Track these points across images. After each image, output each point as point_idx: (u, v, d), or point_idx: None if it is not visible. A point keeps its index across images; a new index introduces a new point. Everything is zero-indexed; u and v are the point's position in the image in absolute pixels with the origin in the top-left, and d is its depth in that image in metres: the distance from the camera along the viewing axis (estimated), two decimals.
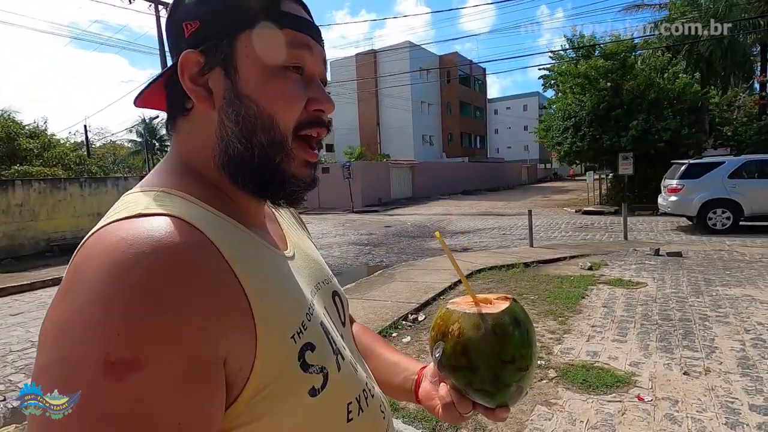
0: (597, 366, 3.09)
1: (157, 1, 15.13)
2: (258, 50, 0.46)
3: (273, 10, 0.47)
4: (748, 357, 3.14)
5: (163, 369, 0.34)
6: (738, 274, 5.50)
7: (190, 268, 0.37)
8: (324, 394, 0.46)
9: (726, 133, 13.89)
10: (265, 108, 0.46)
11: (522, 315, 0.53)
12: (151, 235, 0.37)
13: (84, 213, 10.93)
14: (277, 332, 0.43)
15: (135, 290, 0.34)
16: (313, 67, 0.49)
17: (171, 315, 0.35)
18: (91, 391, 0.32)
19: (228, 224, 0.45)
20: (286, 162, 0.48)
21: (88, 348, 0.33)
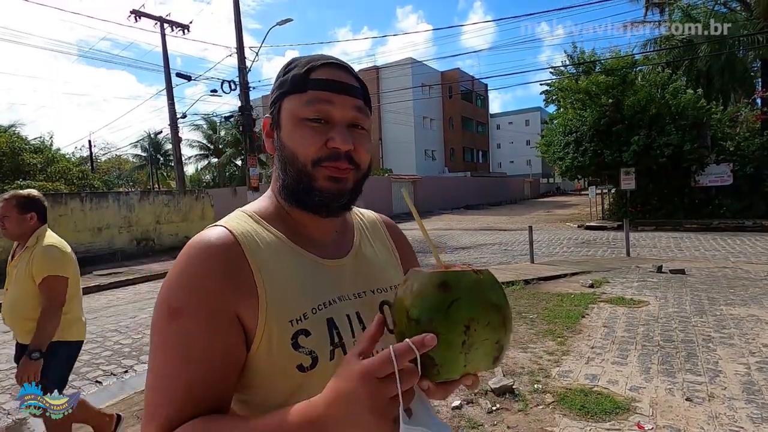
0: (596, 390, 2.99)
1: (162, 20, 15.41)
2: (289, 109, 0.66)
3: (303, 80, 0.65)
4: (754, 382, 3.02)
5: (195, 313, 0.56)
6: (742, 292, 5.38)
7: (214, 257, 0.59)
8: (313, 373, 0.59)
9: (728, 148, 13.80)
10: (291, 149, 0.65)
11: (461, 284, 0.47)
12: (203, 238, 0.62)
13: (84, 228, 10.93)
14: (275, 313, 0.59)
15: (183, 268, 0.59)
16: (337, 115, 0.64)
17: (199, 282, 0.58)
18: (162, 326, 0.58)
19: (269, 235, 0.66)
20: (308, 183, 0.65)
21: (163, 301, 0.59)
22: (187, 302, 0.57)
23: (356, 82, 0.67)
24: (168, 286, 0.59)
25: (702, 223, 13.07)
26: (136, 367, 4.21)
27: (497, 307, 0.48)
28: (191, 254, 0.60)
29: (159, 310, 0.58)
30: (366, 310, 0.68)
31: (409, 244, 0.88)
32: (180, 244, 13.04)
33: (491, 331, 0.47)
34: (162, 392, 0.56)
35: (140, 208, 12.28)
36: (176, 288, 0.58)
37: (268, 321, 0.59)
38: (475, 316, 0.46)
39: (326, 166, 0.64)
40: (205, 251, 0.60)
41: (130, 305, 6.83)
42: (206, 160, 33.75)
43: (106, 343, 4.97)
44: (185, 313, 0.56)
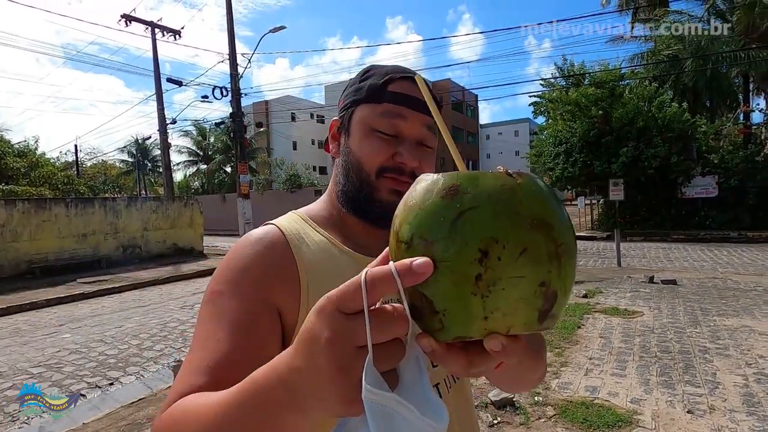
0: (597, 403, 2.95)
1: (153, 24, 15.30)
2: (363, 118, 0.66)
3: (380, 91, 0.66)
4: (753, 393, 3.02)
5: (233, 294, 0.58)
6: (734, 303, 5.43)
7: (262, 252, 0.62)
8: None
9: (713, 160, 14.10)
10: (357, 156, 0.66)
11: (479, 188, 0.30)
12: (253, 234, 0.65)
13: (69, 234, 10.65)
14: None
15: (231, 258, 0.62)
16: (408, 131, 0.65)
17: (240, 271, 0.60)
18: (205, 305, 0.60)
19: (318, 236, 0.67)
20: (370, 192, 0.65)
21: (209, 288, 0.61)
22: (228, 285, 0.59)
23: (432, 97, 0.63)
24: (214, 276, 0.62)
25: (689, 233, 13.27)
26: (122, 379, 4.06)
27: (546, 226, 0.30)
28: (239, 247, 0.63)
29: (205, 296, 0.60)
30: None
31: None
32: (168, 251, 12.81)
33: (530, 262, 0.29)
34: (189, 367, 0.55)
35: (127, 214, 12.03)
36: (220, 276, 0.61)
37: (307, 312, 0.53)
38: (498, 236, 0.28)
39: (389, 177, 0.65)
40: (252, 244, 0.62)
41: (115, 314, 6.63)
42: (195, 167, 33.40)
43: (91, 354, 4.79)
44: (225, 294, 0.58)
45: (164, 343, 5.11)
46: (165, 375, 4.15)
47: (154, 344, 5.07)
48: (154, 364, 4.44)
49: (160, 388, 3.63)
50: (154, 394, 3.51)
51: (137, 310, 6.81)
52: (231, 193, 24.31)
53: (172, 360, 4.52)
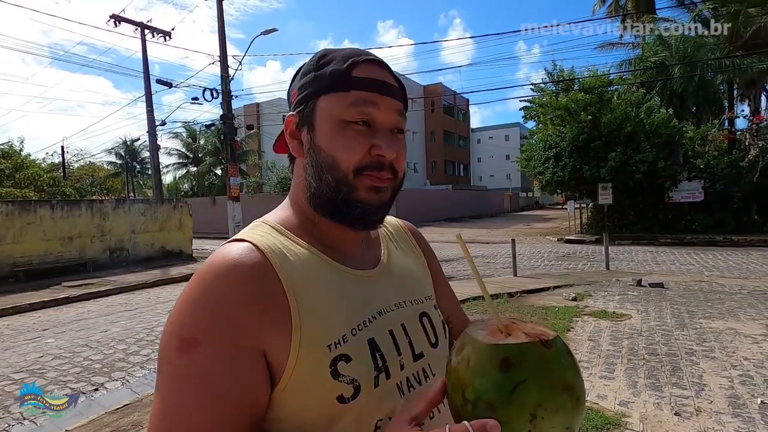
0: (585, 406, 2.96)
1: (143, 25, 15.16)
2: (329, 110, 0.58)
3: (345, 77, 0.58)
4: (738, 395, 3.05)
5: (213, 346, 0.49)
6: (719, 305, 5.51)
7: (241, 281, 0.51)
8: (355, 404, 0.52)
9: (699, 165, 14.34)
10: (330, 154, 0.58)
11: (527, 362, 0.40)
12: (225, 256, 0.53)
13: (54, 237, 10.46)
14: (312, 338, 0.52)
15: (200, 293, 0.51)
16: (381, 119, 0.59)
17: (219, 311, 0.49)
18: (173, 359, 0.49)
19: (299, 248, 0.59)
20: (349, 193, 0.58)
21: (173, 328, 0.51)
22: (205, 332, 0.49)
23: (396, 82, 0.62)
24: (181, 311, 0.51)
25: (676, 237, 13.47)
26: (108, 384, 3.98)
27: (570, 388, 0.41)
28: (212, 275, 0.52)
29: (169, 339, 0.50)
30: (408, 322, 0.63)
31: (431, 251, 0.82)
32: (156, 255, 12.65)
33: (562, 416, 0.40)
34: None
35: (115, 216, 11.86)
36: (192, 314, 0.50)
37: (303, 347, 0.52)
38: (543, 402, 0.39)
39: (368, 175, 0.58)
40: (229, 271, 0.52)
41: (101, 318, 6.51)
42: (185, 169, 33.10)
43: (75, 359, 4.70)
44: (201, 344, 0.49)
45: (151, 347, 5.03)
46: (151, 380, 4.08)
47: (140, 349, 4.99)
48: (140, 369, 4.36)
49: (147, 393, 3.57)
50: (140, 399, 3.45)
51: (124, 314, 6.70)
52: (221, 196, 24.13)
53: None
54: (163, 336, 0.52)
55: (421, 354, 0.61)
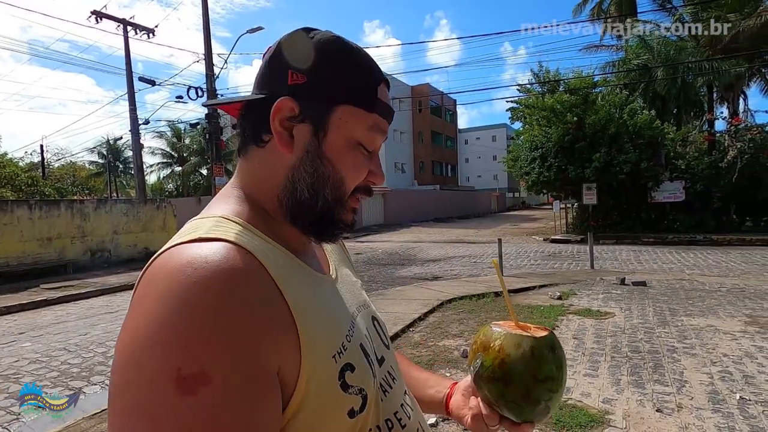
0: (570, 404, 2.98)
1: (125, 22, 14.88)
2: (349, 125, 0.53)
3: (371, 95, 0.54)
4: (718, 391, 3.11)
5: (229, 380, 0.38)
6: (700, 303, 5.61)
7: (245, 291, 0.42)
8: (362, 416, 0.49)
9: (680, 166, 14.65)
10: (339, 172, 0.53)
11: (557, 345, 0.59)
12: (210, 260, 0.42)
13: (32, 237, 10.18)
14: (319, 351, 0.46)
15: (199, 310, 0.39)
16: (378, 145, 0.57)
17: (231, 331, 0.39)
18: (169, 408, 0.36)
19: (277, 250, 0.51)
20: (338, 214, 0.55)
21: (160, 365, 0.37)
22: (216, 363, 0.38)
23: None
24: (163, 342, 0.38)
25: (658, 237, 13.72)
26: (86, 389, 3.87)
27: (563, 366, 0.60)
28: (199, 286, 0.40)
29: (153, 383, 0.37)
30: (368, 327, 0.61)
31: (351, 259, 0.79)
32: (139, 256, 12.41)
33: (565, 383, 0.60)
34: None
35: (96, 217, 11.60)
36: (187, 343, 0.38)
37: (313, 363, 0.45)
38: (565, 364, 0.60)
39: (355, 197, 0.57)
40: (225, 279, 0.41)
41: (81, 321, 6.35)
42: (169, 169, 32.58)
43: (52, 363, 4.57)
44: (214, 379, 0.37)
45: None
46: None
47: None
48: None
49: None
50: None
51: (105, 317, 6.55)
52: (206, 196, 23.79)
53: None
54: (129, 374, 0.38)
55: (383, 358, 0.60)
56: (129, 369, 0.39)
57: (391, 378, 0.61)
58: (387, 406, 0.56)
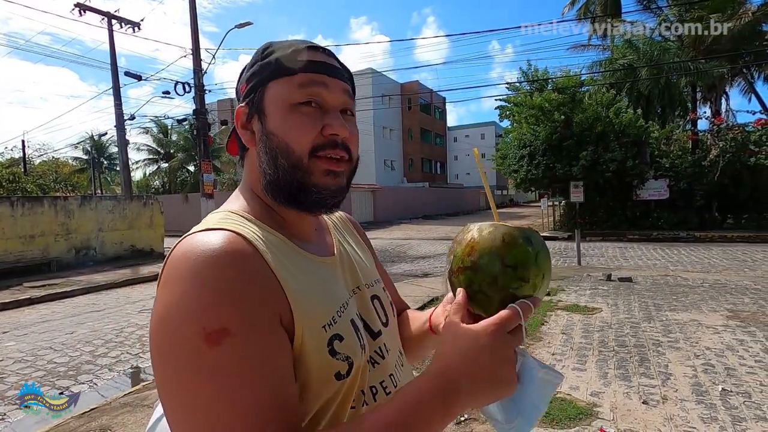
0: (559, 397, 3.03)
1: (110, 15, 14.58)
2: (279, 95, 0.59)
3: (291, 62, 0.60)
4: (701, 383, 3.20)
5: (246, 331, 0.47)
6: (684, 298, 5.75)
7: (243, 265, 0.51)
8: (348, 380, 0.56)
9: (664, 164, 14.93)
10: (283, 138, 0.58)
11: (536, 238, 0.56)
12: (211, 244, 0.51)
13: (14, 235, 9.95)
14: (309, 321, 0.54)
15: (210, 282, 0.48)
16: (330, 99, 0.60)
17: (236, 294, 0.48)
18: (202, 357, 0.46)
19: (273, 237, 0.58)
20: (305, 177, 0.59)
21: (189, 328, 0.46)
22: (231, 318, 0.47)
23: (341, 66, 0.64)
24: (186, 311, 0.47)
25: (643, 234, 13.99)
26: (73, 388, 3.82)
27: (549, 257, 0.58)
28: (206, 264, 0.49)
29: (185, 342, 0.46)
30: (365, 304, 0.68)
31: (370, 242, 0.89)
32: (126, 253, 12.23)
33: (548, 280, 0.57)
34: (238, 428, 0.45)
35: (80, 214, 11.38)
36: (205, 308, 0.47)
37: (303, 329, 0.53)
38: (546, 267, 0.56)
39: (322, 156, 0.59)
40: (225, 257, 0.50)
41: (67, 320, 6.24)
42: (156, 165, 32.08)
43: (38, 362, 4.49)
44: (232, 331, 0.47)
45: (120, 349, 4.86)
46: (121, 383, 3.94)
47: (109, 351, 4.81)
48: (108, 372, 4.21)
49: (115, 396, 3.44)
50: (108, 403, 3.32)
51: (91, 315, 6.45)
52: (194, 193, 23.50)
53: (128, 366, 4.30)
54: (166, 340, 0.48)
55: (379, 332, 0.67)
56: (165, 338, 0.48)
57: (385, 350, 0.67)
58: (375, 375, 0.63)
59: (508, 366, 0.50)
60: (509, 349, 0.50)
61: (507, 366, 0.50)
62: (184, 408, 0.46)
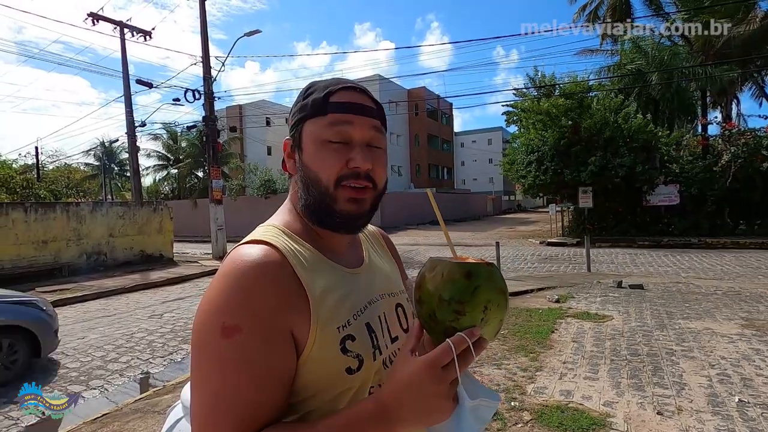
0: (571, 407, 2.99)
1: (122, 24, 14.83)
2: (312, 133, 0.69)
3: (324, 103, 0.69)
4: (717, 394, 3.14)
5: (253, 331, 0.58)
6: (697, 306, 5.66)
7: (268, 274, 0.61)
8: (359, 374, 0.65)
9: (674, 170, 14.77)
10: (314, 170, 0.68)
11: (481, 274, 0.58)
12: (250, 255, 0.62)
13: (27, 240, 10.10)
14: (325, 321, 0.63)
15: (234, 286, 0.59)
16: (356, 136, 0.68)
17: (256, 300, 0.59)
18: (216, 344, 0.57)
19: (306, 249, 0.69)
20: (332, 203, 0.68)
21: (213, 320, 0.58)
22: (245, 319, 0.58)
23: (372, 104, 0.72)
24: (217, 305, 0.59)
25: (653, 240, 13.82)
26: (85, 393, 3.85)
27: (503, 291, 0.59)
28: (242, 270, 0.60)
29: (209, 329, 0.58)
30: (387, 311, 0.76)
31: (399, 256, 0.97)
32: (135, 259, 12.33)
33: (499, 310, 0.58)
34: (222, 411, 0.57)
35: (91, 219, 11.52)
36: (229, 306, 0.58)
37: (319, 330, 0.62)
38: (491, 299, 0.57)
39: (346, 186, 0.67)
40: (257, 269, 0.61)
41: (78, 325, 6.30)
42: (165, 171, 32.42)
43: (50, 367, 4.53)
44: (243, 330, 0.57)
45: (130, 354, 4.89)
46: (131, 388, 3.97)
47: (119, 356, 4.84)
48: (119, 377, 4.23)
49: (126, 401, 3.46)
50: (120, 408, 3.34)
51: (102, 321, 6.51)
52: (203, 199, 23.70)
53: (138, 372, 4.32)
54: (199, 324, 0.59)
55: (397, 337, 0.75)
56: (198, 323, 0.60)
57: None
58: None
59: (437, 399, 0.54)
60: (439, 385, 0.54)
61: (437, 399, 0.54)
62: (195, 380, 0.59)
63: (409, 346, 0.58)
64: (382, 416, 0.56)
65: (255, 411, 0.57)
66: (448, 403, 0.55)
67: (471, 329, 0.55)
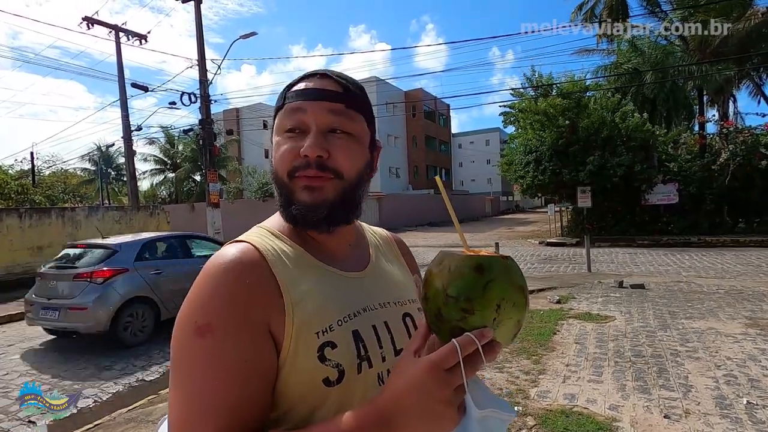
0: (576, 411, 2.93)
1: (117, 28, 14.76)
2: (275, 127, 0.68)
3: (283, 96, 0.67)
4: (724, 396, 3.07)
5: (227, 327, 0.55)
6: (699, 306, 5.60)
7: (242, 271, 0.58)
8: (338, 388, 0.59)
9: (673, 168, 14.74)
10: (274, 165, 0.67)
11: (494, 268, 0.50)
12: (226, 255, 0.61)
13: (23, 246, 9.99)
14: (303, 326, 0.59)
15: (210, 284, 0.58)
16: (309, 122, 0.64)
17: (227, 297, 0.56)
18: (190, 343, 0.55)
19: (291, 249, 0.66)
20: (289, 196, 0.65)
21: (188, 319, 0.56)
22: (216, 316, 0.55)
23: (337, 87, 0.66)
24: (192, 303, 0.57)
25: (653, 239, 13.78)
26: (79, 402, 3.76)
27: (522, 289, 0.52)
28: (216, 270, 0.59)
29: (183, 328, 0.57)
30: (391, 320, 0.69)
31: (415, 262, 0.89)
32: None
33: (516, 310, 0.51)
34: (196, 411, 0.54)
35: (88, 224, 11.40)
36: (202, 304, 0.57)
37: (295, 333, 0.58)
38: (505, 296, 0.50)
39: (299, 176, 0.63)
40: (231, 266, 0.59)
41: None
42: (162, 175, 32.30)
43: (43, 375, 4.44)
44: (215, 327, 0.55)
45: (125, 361, 4.80)
46: (125, 397, 3.88)
47: (113, 363, 4.75)
48: (113, 385, 4.15)
49: (119, 411, 3.38)
50: (113, 418, 3.26)
51: None
52: (200, 202, 23.59)
53: (134, 380, 4.24)
54: (176, 326, 0.57)
55: (401, 350, 0.67)
56: (175, 326, 0.58)
57: None
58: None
59: (441, 405, 0.48)
60: (443, 389, 0.47)
61: (441, 405, 0.48)
62: (172, 383, 0.57)
63: (413, 346, 0.53)
64: (380, 421, 0.50)
65: (235, 411, 0.54)
66: (453, 410, 0.49)
67: (482, 330, 0.48)
